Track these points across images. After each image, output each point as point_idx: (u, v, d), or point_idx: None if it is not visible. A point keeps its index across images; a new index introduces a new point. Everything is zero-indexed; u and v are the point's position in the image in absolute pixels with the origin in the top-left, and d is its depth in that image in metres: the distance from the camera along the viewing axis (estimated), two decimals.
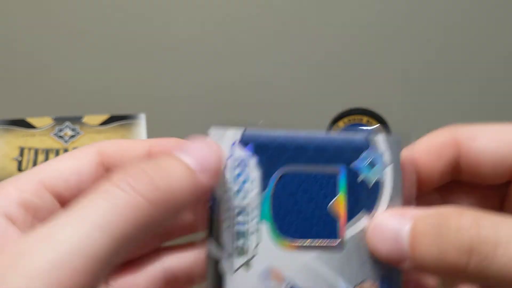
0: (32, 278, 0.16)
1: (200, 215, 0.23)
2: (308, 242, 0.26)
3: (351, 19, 0.86)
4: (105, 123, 0.69)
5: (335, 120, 0.77)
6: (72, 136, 0.67)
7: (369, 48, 0.87)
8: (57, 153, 0.65)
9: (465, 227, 0.19)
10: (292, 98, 0.88)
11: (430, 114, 0.89)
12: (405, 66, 0.87)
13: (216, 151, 0.21)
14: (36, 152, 0.65)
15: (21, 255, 0.16)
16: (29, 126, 0.67)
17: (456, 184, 0.25)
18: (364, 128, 0.76)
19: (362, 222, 0.26)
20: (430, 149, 0.24)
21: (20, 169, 0.63)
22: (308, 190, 0.26)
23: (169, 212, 0.19)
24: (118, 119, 0.69)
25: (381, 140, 0.27)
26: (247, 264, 0.25)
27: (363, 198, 0.27)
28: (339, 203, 0.27)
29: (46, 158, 0.65)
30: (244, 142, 0.25)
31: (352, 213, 0.27)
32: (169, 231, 0.24)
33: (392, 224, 0.22)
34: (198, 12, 0.85)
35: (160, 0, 0.85)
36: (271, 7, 0.85)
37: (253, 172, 0.25)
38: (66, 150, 0.65)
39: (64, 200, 0.21)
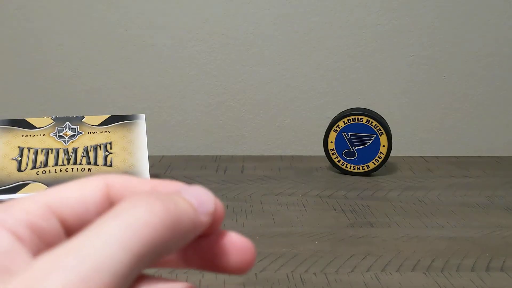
0: None
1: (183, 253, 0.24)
2: None
3: (351, 20, 0.86)
4: (105, 123, 0.69)
5: (335, 120, 0.77)
6: (72, 136, 0.67)
7: (370, 48, 0.87)
8: (57, 152, 0.65)
9: None
10: (292, 98, 0.88)
11: (430, 114, 0.89)
12: (405, 66, 0.87)
13: (211, 197, 0.23)
14: (36, 152, 0.65)
15: (51, 269, 0.17)
16: (29, 126, 0.67)
17: None
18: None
19: None
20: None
21: (19, 169, 0.63)
22: None
23: (175, 238, 0.20)
24: (118, 119, 0.69)
25: None
26: None
27: None
28: None
29: (46, 158, 0.64)
30: None
31: None
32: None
33: None
34: (198, 13, 0.85)
35: (161, 3, 0.85)
36: (274, 8, 0.85)
37: None
38: (66, 150, 0.65)
39: (68, 227, 0.22)
